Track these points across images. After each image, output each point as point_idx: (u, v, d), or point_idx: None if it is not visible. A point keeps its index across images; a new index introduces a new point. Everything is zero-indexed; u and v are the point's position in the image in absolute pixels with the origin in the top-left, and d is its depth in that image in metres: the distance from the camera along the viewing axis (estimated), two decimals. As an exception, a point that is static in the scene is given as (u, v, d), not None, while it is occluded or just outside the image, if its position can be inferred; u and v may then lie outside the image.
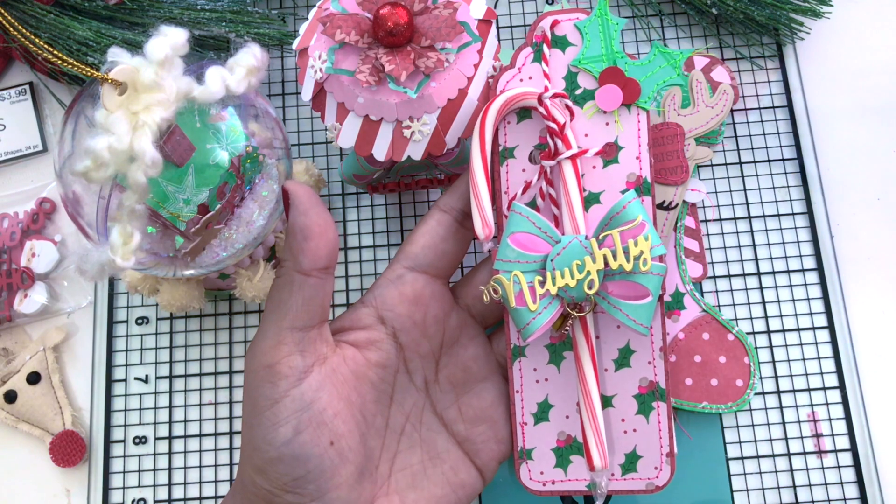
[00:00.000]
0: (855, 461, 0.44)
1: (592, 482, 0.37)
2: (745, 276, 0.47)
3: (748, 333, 0.46)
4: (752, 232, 0.47)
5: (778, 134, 0.49)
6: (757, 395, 0.45)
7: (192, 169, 0.37)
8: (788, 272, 0.47)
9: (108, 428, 0.46)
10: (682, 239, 0.47)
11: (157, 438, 0.46)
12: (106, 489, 0.45)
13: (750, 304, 0.46)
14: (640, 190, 0.37)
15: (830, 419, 0.44)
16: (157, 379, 0.47)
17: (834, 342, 0.45)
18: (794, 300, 0.46)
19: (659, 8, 0.51)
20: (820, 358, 0.45)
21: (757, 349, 0.45)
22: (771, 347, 0.46)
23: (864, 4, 0.51)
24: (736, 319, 0.46)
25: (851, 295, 0.46)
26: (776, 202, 0.48)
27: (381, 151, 0.37)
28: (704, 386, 0.44)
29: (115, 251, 0.33)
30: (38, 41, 0.35)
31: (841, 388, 0.45)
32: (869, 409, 0.45)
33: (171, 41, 0.34)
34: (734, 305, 0.46)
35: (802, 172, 0.48)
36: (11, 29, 0.38)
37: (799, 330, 0.46)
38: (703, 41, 0.51)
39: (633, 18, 0.51)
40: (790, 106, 0.49)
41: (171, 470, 0.45)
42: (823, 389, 0.45)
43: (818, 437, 0.44)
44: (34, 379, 0.46)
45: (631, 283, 0.35)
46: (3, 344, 0.48)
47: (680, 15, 0.51)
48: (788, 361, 0.45)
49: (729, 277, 0.47)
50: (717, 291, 0.46)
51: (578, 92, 0.37)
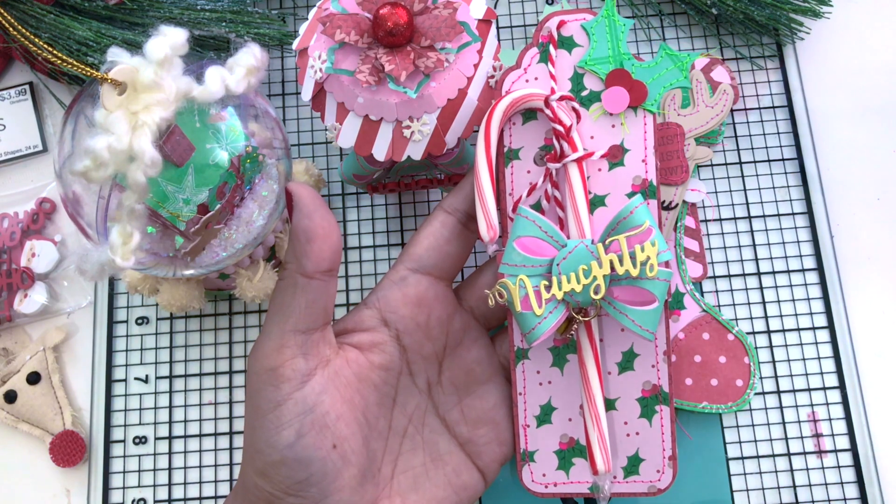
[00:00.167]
0: (855, 461, 0.44)
1: (595, 485, 0.37)
2: (745, 276, 0.47)
3: (748, 333, 0.46)
4: (752, 232, 0.47)
5: (778, 134, 0.49)
6: (757, 395, 0.45)
7: (191, 169, 0.37)
8: (788, 272, 0.47)
9: (108, 428, 0.46)
10: (682, 239, 0.47)
11: (157, 438, 0.46)
12: (106, 489, 0.45)
13: (750, 304, 0.46)
14: (645, 193, 0.37)
15: (830, 419, 0.45)
16: (157, 379, 0.47)
17: (834, 342, 0.45)
18: (794, 300, 0.46)
19: (659, 8, 0.51)
20: (820, 358, 0.45)
21: (757, 349, 0.45)
22: (771, 347, 0.46)
23: (864, 4, 0.51)
24: (736, 319, 0.46)
25: (851, 295, 0.46)
26: (776, 202, 0.48)
27: (381, 151, 0.37)
28: (704, 386, 0.44)
29: (114, 251, 0.33)
30: (38, 41, 0.35)
31: (841, 388, 0.45)
32: (869, 409, 0.45)
33: (170, 41, 0.33)
34: (734, 305, 0.46)
35: (802, 172, 0.48)
36: (11, 29, 0.38)
37: (799, 330, 0.46)
38: (703, 41, 0.50)
39: (633, 18, 0.51)
40: (790, 106, 0.49)
41: (171, 470, 0.45)
42: (823, 389, 0.45)
43: (818, 437, 0.44)
44: (34, 379, 0.46)
45: (637, 288, 0.34)
46: (3, 344, 0.48)
47: (680, 15, 0.51)
48: (788, 361, 0.45)
49: (729, 277, 0.47)
50: (717, 291, 0.46)
51: (584, 93, 0.37)
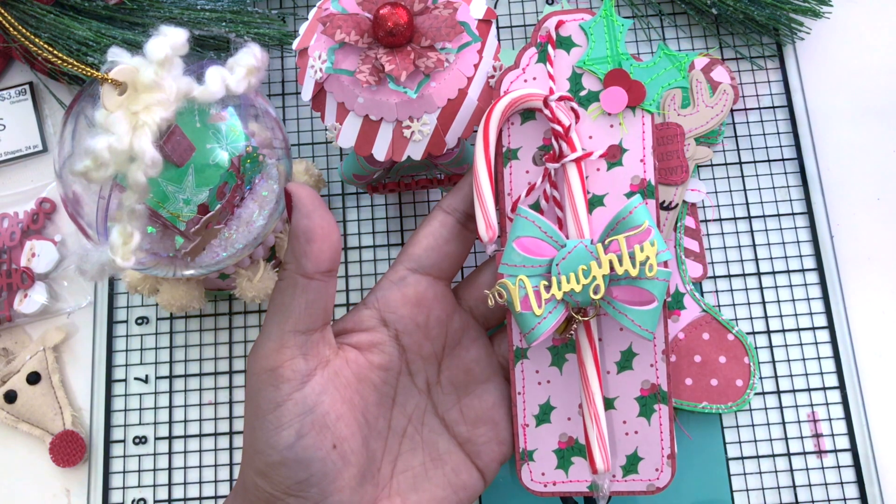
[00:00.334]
0: (855, 461, 0.44)
1: (594, 483, 0.37)
2: (745, 276, 0.47)
3: (748, 333, 0.46)
4: (752, 232, 0.47)
5: (778, 134, 0.49)
6: (757, 395, 0.45)
7: (192, 169, 0.37)
8: (788, 272, 0.47)
9: (108, 428, 0.46)
10: (682, 239, 0.47)
11: (157, 438, 0.46)
12: (106, 489, 0.45)
13: (750, 304, 0.46)
14: (644, 193, 0.36)
15: (830, 419, 0.44)
16: (157, 379, 0.47)
17: (834, 342, 0.45)
18: (794, 300, 0.46)
19: (659, 8, 0.51)
20: (820, 358, 0.45)
21: (757, 349, 0.45)
22: (771, 347, 0.46)
23: (864, 4, 0.51)
24: (736, 319, 0.46)
25: (851, 295, 0.46)
26: (776, 202, 0.48)
27: (381, 151, 0.37)
28: (704, 386, 0.44)
29: (115, 251, 0.33)
30: (38, 41, 0.35)
31: (841, 388, 0.45)
32: (869, 409, 0.45)
33: (171, 41, 0.34)
34: (734, 305, 0.46)
35: (802, 172, 0.48)
36: (11, 29, 0.38)
37: (799, 330, 0.46)
38: (703, 41, 0.50)
39: (633, 18, 0.51)
40: (790, 106, 0.49)
41: (171, 470, 0.45)
42: (823, 389, 0.45)
43: (818, 437, 0.44)
44: (34, 379, 0.46)
45: (636, 288, 0.34)
46: (3, 344, 0.48)
47: (680, 15, 0.51)
48: (788, 361, 0.45)
49: (729, 277, 0.47)
50: (717, 291, 0.46)
51: (583, 93, 0.37)
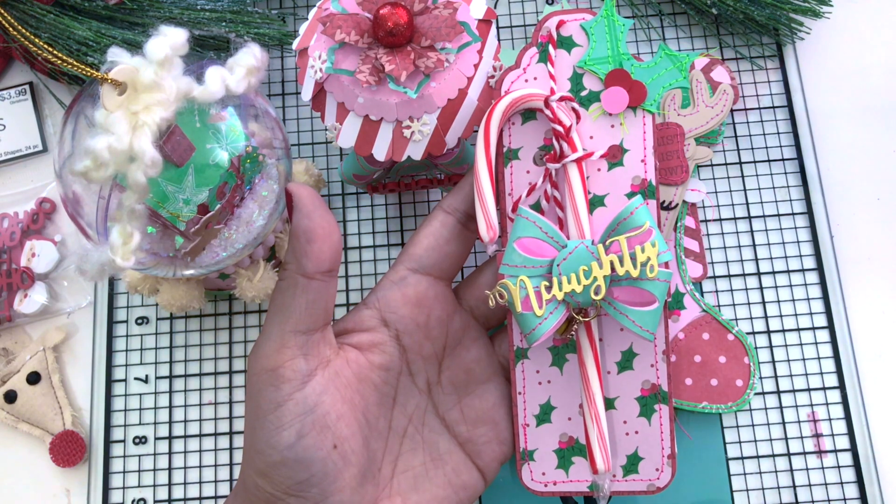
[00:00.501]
0: (855, 461, 0.44)
1: (594, 483, 0.37)
2: (745, 276, 0.47)
3: (748, 333, 0.46)
4: (752, 232, 0.47)
5: (778, 134, 0.49)
6: (757, 395, 0.45)
7: (191, 169, 0.37)
8: (788, 272, 0.47)
9: (108, 428, 0.46)
10: (682, 239, 0.47)
11: (157, 438, 0.46)
12: (106, 489, 0.45)
13: (750, 304, 0.46)
14: (644, 193, 0.36)
15: (830, 419, 0.44)
16: (157, 379, 0.47)
17: (834, 342, 0.45)
18: (794, 300, 0.46)
19: (659, 8, 0.51)
20: (820, 358, 0.45)
21: (757, 349, 0.45)
22: (771, 347, 0.46)
23: (864, 4, 0.51)
24: (736, 319, 0.46)
25: (851, 295, 0.46)
26: (776, 202, 0.48)
27: (381, 151, 0.37)
28: (704, 386, 0.44)
29: (115, 251, 0.33)
30: (38, 41, 0.35)
31: (841, 388, 0.45)
32: (869, 409, 0.45)
33: (170, 41, 0.33)
34: (734, 305, 0.46)
35: (802, 172, 0.48)
36: (11, 29, 0.38)
37: (799, 330, 0.46)
38: (703, 41, 0.50)
39: (633, 18, 0.51)
40: (790, 106, 0.49)
41: (171, 470, 0.45)
42: (823, 389, 0.45)
43: (818, 437, 0.44)
44: (34, 379, 0.46)
45: (637, 289, 0.34)
46: (3, 344, 0.48)
47: (680, 15, 0.51)
48: (788, 361, 0.45)
49: (729, 277, 0.47)
50: (717, 291, 0.46)
51: (584, 93, 0.37)
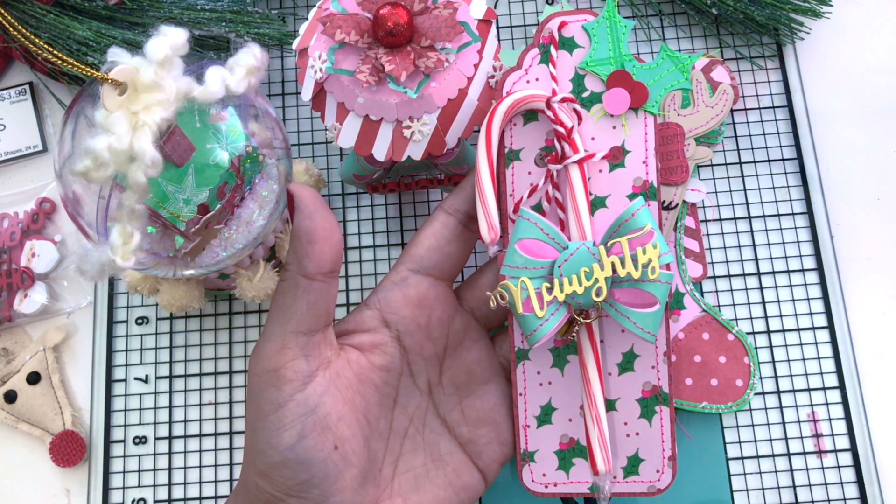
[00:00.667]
0: (855, 461, 0.44)
1: (595, 485, 0.37)
2: (745, 276, 0.47)
3: (748, 333, 0.46)
4: (752, 232, 0.47)
5: (778, 134, 0.49)
6: (757, 395, 0.45)
7: (191, 169, 0.37)
8: (788, 272, 0.47)
9: (108, 428, 0.46)
10: (682, 239, 0.47)
11: (157, 438, 0.46)
12: (106, 489, 0.45)
13: (750, 304, 0.46)
14: (646, 195, 0.36)
15: (830, 419, 0.44)
16: (157, 379, 0.47)
17: (834, 342, 0.45)
18: (794, 300, 0.46)
19: (659, 8, 0.51)
20: (820, 358, 0.45)
21: (757, 349, 0.45)
22: (771, 347, 0.46)
23: (864, 4, 0.51)
24: (736, 319, 0.46)
25: (851, 295, 0.46)
26: (776, 202, 0.48)
27: (381, 151, 0.37)
28: (704, 386, 0.44)
29: (115, 251, 0.33)
30: (38, 41, 0.35)
31: (841, 388, 0.45)
32: (869, 409, 0.45)
33: (170, 41, 0.33)
34: (734, 305, 0.46)
35: (802, 172, 0.48)
36: (11, 29, 0.38)
37: (799, 330, 0.46)
38: (703, 41, 0.50)
39: (633, 18, 0.51)
40: (790, 106, 0.49)
41: (171, 470, 0.45)
42: (823, 389, 0.45)
43: (818, 437, 0.44)
44: (34, 379, 0.46)
45: (638, 290, 0.34)
46: (3, 344, 0.48)
47: (680, 15, 0.51)
48: (788, 361, 0.45)
49: (729, 277, 0.47)
50: (717, 291, 0.46)
51: (585, 95, 0.37)
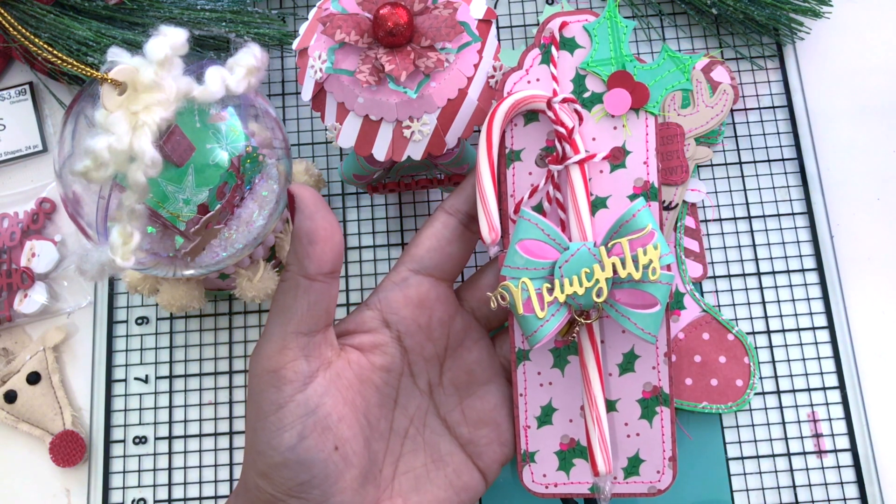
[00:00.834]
0: (855, 461, 0.44)
1: (595, 485, 0.37)
2: (745, 276, 0.47)
3: (748, 333, 0.46)
4: (752, 232, 0.47)
5: (778, 134, 0.49)
6: (757, 395, 0.45)
7: (191, 169, 0.37)
8: (788, 272, 0.47)
9: (108, 428, 0.46)
10: (682, 239, 0.47)
11: (157, 438, 0.46)
12: (106, 489, 0.45)
13: (750, 304, 0.46)
14: (647, 195, 0.36)
15: (830, 419, 0.44)
16: (157, 379, 0.47)
17: (834, 342, 0.45)
18: (794, 300, 0.46)
19: (659, 8, 0.51)
20: (820, 358, 0.45)
21: (757, 349, 0.45)
22: (771, 347, 0.46)
23: (864, 4, 0.51)
24: (736, 319, 0.46)
25: (851, 295, 0.46)
26: (776, 202, 0.48)
27: (381, 151, 0.37)
28: (704, 386, 0.44)
29: (114, 251, 0.33)
30: (38, 41, 0.35)
31: (841, 388, 0.45)
32: (869, 409, 0.45)
33: (170, 41, 0.33)
34: (734, 305, 0.46)
35: (802, 172, 0.48)
36: (11, 29, 0.38)
37: (799, 330, 0.46)
38: (703, 41, 0.50)
39: (633, 18, 0.51)
40: (790, 106, 0.49)
41: (171, 470, 0.45)
42: (823, 389, 0.45)
43: (818, 437, 0.44)
44: (34, 379, 0.46)
45: (639, 291, 0.34)
46: (3, 344, 0.48)
47: (680, 15, 0.51)
48: (788, 361, 0.45)
49: (729, 277, 0.47)
50: (717, 291, 0.46)
51: (586, 95, 0.37)
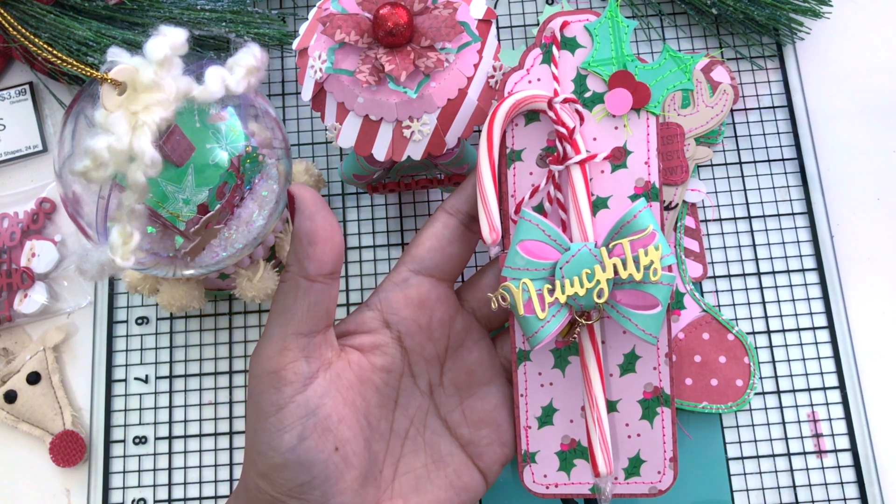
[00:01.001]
0: (855, 461, 0.44)
1: (596, 486, 0.37)
2: (745, 276, 0.47)
3: (748, 333, 0.46)
4: (752, 232, 0.47)
5: (778, 134, 0.49)
6: (757, 395, 0.45)
7: (191, 169, 0.37)
8: (788, 272, 0.47)
9: (108, 428, 0.46)
10: (682, 239, 0.47)
11: (157, 438, 0.46)
12: (106, 489, 0.45)
13: (750, 304, 0.46)
14: (648, 195, 0.36)
15: (830, 419, 0.44)
16: (157, 379, 0.47)
17: (834, 342, 0.45)
18: (794, 300, 0.46)
19: (659, 8, 0.51)
20: (820, 358, 0.45)
21: (757, 349, 0.45)
22: (771, 347, 0.46)
23: (864, 4, 0.51)
24: (736, 319, 0.46)
25: (851, 295, 0.46)
26: (776, 202, 0.48)
27: (381, 151, 0.37)
28: (704, 386, 0.44)
29: (114, 251, 0.33)
30: (38, 41, 0.35)
31: (841, 388, 0.45)
32: (869, 409, 0.45)
33: (170, 41, 0.33)
34: (734, 305, 0.46)
35: (802, 172, 0.48)
36: (11, 29, 0.38)
37: (799, 330, 0.46)
38: (703, 41, 0.50)
39: (633, 18, 0.51)
40: (790, 106, 0.49)
41: (171, 470, 0.45)
42: (823, 389, 0.45)
43: (818, 437, 0.44)
44: (34, 379, 0.46)
45: (640, 292, 0.34)
46: (3, 344, 0.48)
47: (680, 15, 0.51)
48: (788, 361, 0.45)
49: (729, 277, 0.47)
50: (717, 291, 0.46)
51: (587, 95, 0.37)
